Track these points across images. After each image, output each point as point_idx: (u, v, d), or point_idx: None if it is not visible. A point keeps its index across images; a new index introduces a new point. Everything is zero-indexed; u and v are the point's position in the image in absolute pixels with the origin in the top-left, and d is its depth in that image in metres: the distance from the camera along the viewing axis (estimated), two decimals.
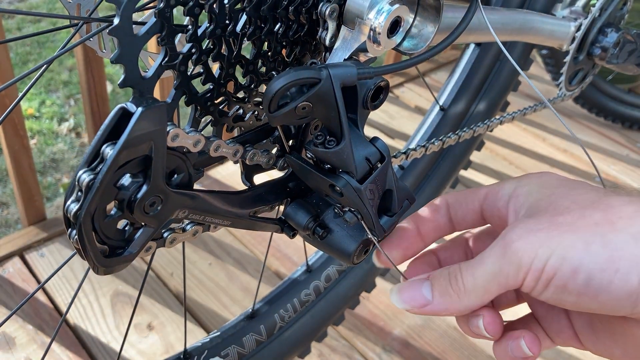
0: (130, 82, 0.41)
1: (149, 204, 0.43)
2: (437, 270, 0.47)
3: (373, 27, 0.48)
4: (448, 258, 0.54)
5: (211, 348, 0.77)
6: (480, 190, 0.50)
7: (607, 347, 0.46)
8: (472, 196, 0.51)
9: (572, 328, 0.49)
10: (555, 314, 0.50)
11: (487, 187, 0.50)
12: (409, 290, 0.47)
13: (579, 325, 0.49)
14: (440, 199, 0.53)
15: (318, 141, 0.46)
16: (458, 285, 0.44)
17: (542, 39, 0.86)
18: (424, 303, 0.46)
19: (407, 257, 0.52)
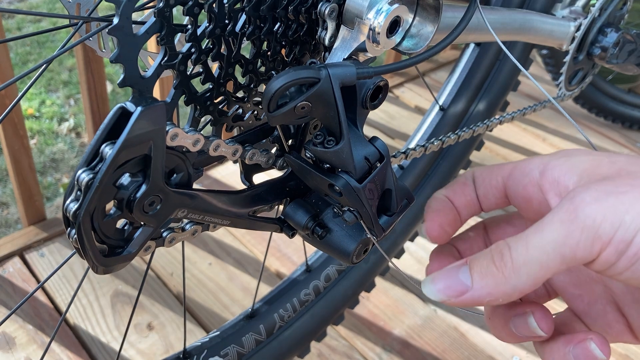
0: (130, 82, 0.41)
1: (148, 203, 0.43)
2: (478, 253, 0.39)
3: (372, 27, 0.48)
4: (467, 250, 0.49)
5: (211, 348, 0.77)
6: (506, 165, 0.45)
7: None
8: (497, 171, 0.45)
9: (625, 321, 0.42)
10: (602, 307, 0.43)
11: (513, 162, 0.45)
12: (445, 278, 0.40)
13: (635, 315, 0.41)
14: (468, 171, 0.49)
15: (317, 141, 0.46)
16: (504, 260, 0.36)
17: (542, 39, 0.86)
18: (463, 290, 0.38)
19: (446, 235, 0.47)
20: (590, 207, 0.33)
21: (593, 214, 0.33)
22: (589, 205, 0.33)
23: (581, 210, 0.33)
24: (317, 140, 0.46)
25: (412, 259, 1.40)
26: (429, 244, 1.45)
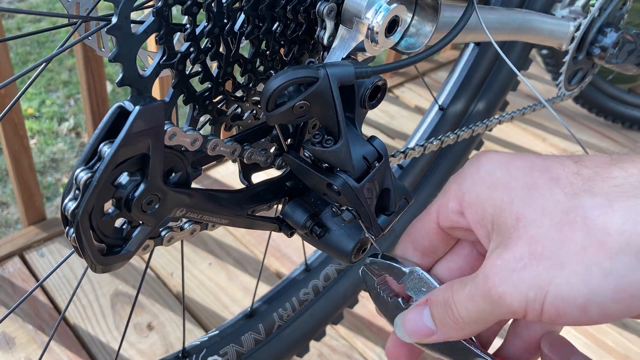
0: (129, 81, 0.41)
1: (147, 202, 0.43)
2: (435, 292, 0.44)
3: (371, 27, 0.48)
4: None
5: (210, 347, 0.77)
6: (430, 210, 0.46)
7: None
8: (426, 222, 0.47)
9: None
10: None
11: (435, 202, 0.46)
12: (412, 322, 0.44)
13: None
14: (403, 242, 0.49)
15: (316, 140, 0.46)
16: (455, 316, 0.41)
17: (542, 39, 0.86)
18: (429, 333, 0.43)
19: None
20: (499, 288, 0.38)
21: (503, 293, 0.37)
22: (498, 287, 0.38)
23: (493, 290, 0.38)
24: (315, 139, 0.46)
25: None
26: None
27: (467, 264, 0.48)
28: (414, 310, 0.45)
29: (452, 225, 0.45)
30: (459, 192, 0.43)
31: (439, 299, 0.43)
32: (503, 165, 0.42)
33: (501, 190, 0.40)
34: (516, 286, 0.37)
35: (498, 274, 0.38)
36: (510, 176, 0.41)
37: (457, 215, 0.44)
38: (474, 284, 0.40)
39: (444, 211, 0.45)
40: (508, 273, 0.37)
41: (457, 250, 0.49)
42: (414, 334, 0.44)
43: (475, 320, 0.40)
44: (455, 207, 0.44)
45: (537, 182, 0.39)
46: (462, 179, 0.44)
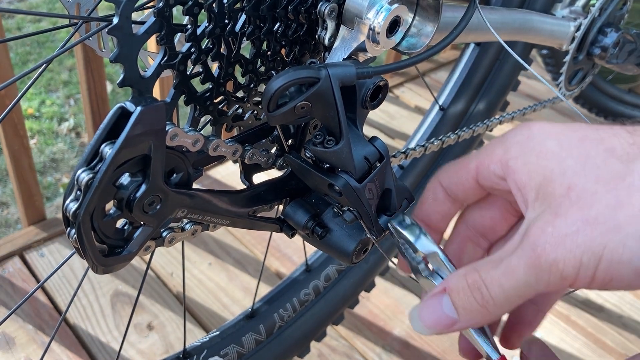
0: (130, 82, 0.41)
1: (148, 203, 0.43)
2: (452, 277, 0.42)
3: (372, 27, 0.48)
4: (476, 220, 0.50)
5: (210, 347, 0.77)
6: (470, 163, 0.46)
7: None
8: (463, 172, 0.46)
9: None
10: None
11: (475, 157, 0.46)
12: (430, 313, 0.42)
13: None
14: (433, 183, 0.49)
15: (317, 140, 0.46)
16: (484, 299, 0.40)
17: (542, 39, 0.86)
18: (451, 323, 0.41)
19: None
20: (550, 254, 0.37)
21: (555, 259, 0.37)
22: (549, 253, 0.37)
23: (544, 258, 0.37)
24: (316, 140, 0.46)
25: None
26: None
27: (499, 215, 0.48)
28: (430, 300, 0.43)
29: (491, 186, 0.45)
30: (504, 157, 0.43)
31: (461, 284, 0.41)
32: (554, 135, 0.41)
33: (552, 160, 0.40)
34: (570, 251, 0.36)
35: (549, 241, 0.37)
36: (562, 147, 0.40)
37: (498, 178, 0.44)
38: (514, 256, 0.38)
39: (484, 171, 0.44)
40: (561, 239, 0.37)
41: (490, 200, 0.49)
42: (434, 325, 0.42)
43: (509, 298, 0.39)
44: (497, 170, 0.43)
45: (590, 153, 0.39)
46: (509, 145, 0.43)
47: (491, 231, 0.50)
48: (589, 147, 0.39)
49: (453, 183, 0.47)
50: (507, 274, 0.39)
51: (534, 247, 0.38)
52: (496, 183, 0.44)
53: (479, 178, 0.45)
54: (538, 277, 0.37)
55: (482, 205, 0.49)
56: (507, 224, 0.50)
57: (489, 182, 0.45)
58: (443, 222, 0.50)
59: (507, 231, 0.50)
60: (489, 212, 0.49)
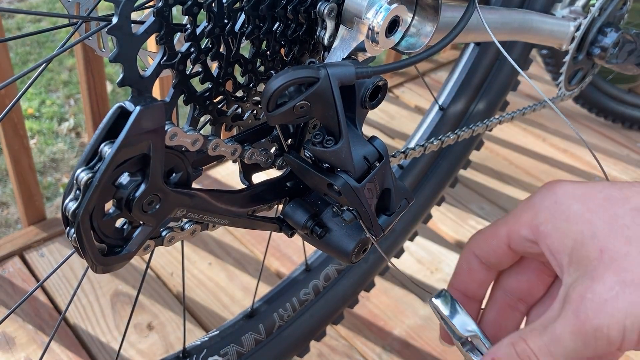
0: (129, 81, 0.41)
1: (147, 202, 0.43)
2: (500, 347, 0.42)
3: (371, 27, 0.48)
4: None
5: (210, 347, 0.77)
6: (499, 230, 0.47)
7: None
8: (494, 240, 0.47)
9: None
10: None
11: (504, 224, 0.46)
12: None
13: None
14: (466, 254, 0.49)
15: (316, 140, 0.46)
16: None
17: (542, 39, 0.86)
18: None
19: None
20: (593, 320, 0.37)
21: (599, 325, 0.37)
22: (592, 319, 0.37)
23: (588, 325, 0.38)
24: (316, 139, 0.46)
25: (411, 259, 1.40)
26: (428, 243, 1.45)
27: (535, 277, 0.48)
28: None
29: (524, 250, 0.45)
30: (532, 223, 0.44)
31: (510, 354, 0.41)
32: (579, 198, 0.42)
33: (581, 224, 0.41)
34: (612, 316, 0.37)
35: (590, 307, 0.38)
36: (589, 209, 0.41)
37: (530, 242, 0.44)
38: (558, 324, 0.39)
39: (515, 237, 0.45)
40: (601, 304, 0.37)
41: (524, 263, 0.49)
42: None
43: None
44: (528, 235, 0.44)
45: (618, 213, 0.40)
46: (536, 210, 0.44)
47: (528, 294, 0.50)
48: (616, 207, 0.40)
49: (485, 251, 0.48)
50: (554, 341, 0.39)
51: (577, 314, 0.38)
52: (529, 246, 0.45)
53: (510, 244, 0.46)
54: (585, 343, 0.38)
55: (517, 270, 0.49)
56: (544, 285, 0.50)
57: (521, 247, 0.45)
58: (481, 290, 0.50)
59: (545, 292, 0.50)
60: (524, 275, 0.49)
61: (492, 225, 0.48)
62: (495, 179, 1.71)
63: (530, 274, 0.49)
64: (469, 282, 0.50)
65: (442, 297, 0.49)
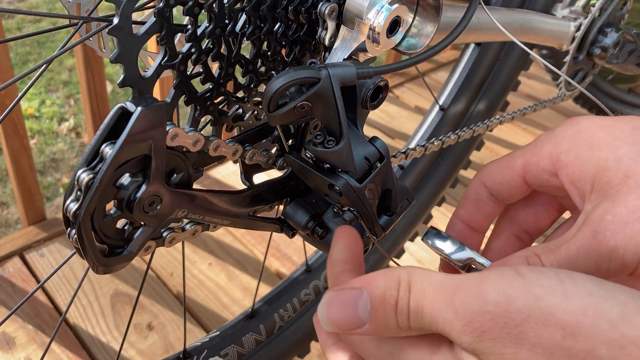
0: (130, 82, 0.41)
1: (148, 203, 0.43)
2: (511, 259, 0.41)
3: (372, 27, 0.48)
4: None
5: (211, 347, 0.77)
6: (516, 161, 0.45)
7: None
8: (509, 171, 0.45)
9: None
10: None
11: (521, 156, 0.45)
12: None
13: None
14: (476, 184, 0.48)
15: (317, 141, 0.46)
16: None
17: (542, 39, 0.86)
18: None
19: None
20: (610, 241, 0.36)
21: (615, 246, 0.36)
22: (609, 239, 0.36)
23: (604, 244, 0.37)
24: (317, 140, 0.46)
25: (412, 259, 1.40)
26: None
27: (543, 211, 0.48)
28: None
29: (540, 184, 0.44)
30: (554, 152, 0.42)
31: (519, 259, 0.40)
32: (606, 127, 0.41)
33: (606, 150, 0.39)
34: (631, 238, 0.36)
35: (609, 228, 0.37)
36: (615, 137, 0.40)
37: (549, 174, 0.43)
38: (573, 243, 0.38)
39: (533, 169, 0.44)
40: (621, 226, 0.36)
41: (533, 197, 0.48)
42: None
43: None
44: (547, 166, 0.43)
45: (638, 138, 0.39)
46: (559, 139, 0.42)
47: (534, 227, 0.49)
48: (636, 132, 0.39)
49: (498, 183, 0.46)
50: (567, 260, 0.38)
51: (594, 234, 0.37)
52: (545, 180, 0.43)
53: (526, 176, 0.45)
54: (598, 265, 0.37)
55: (525, 202, 0.49)
56: (551, 220, 0.49)
57: (537, 179, 0.44)
58: (486, 222, 0.49)
59: (549, 227, 0.50)
60: (532, 208, 0.49)
61: (508, 157, 0.46)
62: None
63: (538, 207, 0.48)
64: (475, 213, 0.48)
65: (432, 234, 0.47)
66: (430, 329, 0.34)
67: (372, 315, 0.36)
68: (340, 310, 0.37)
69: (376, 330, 0.36)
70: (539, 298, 0.31)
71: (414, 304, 0.34)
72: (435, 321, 0.34)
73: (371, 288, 0.36)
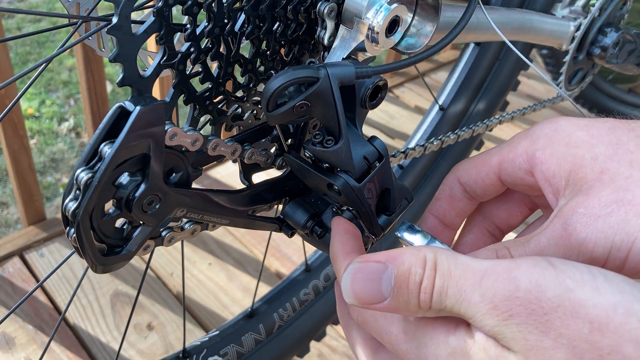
0: (129, 81, 0.41)
1: (147, 202, 0.43)
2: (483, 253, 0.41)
3: (371, 26, 0.48)
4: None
5: (210, 347, 0.77)
6: (491, 158, 0.45)
7: None
8: (484, 168, 0.45)
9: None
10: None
11: (496, 153, 0.45)
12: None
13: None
14: (451, 180, 0.48)
15: (316, 140, 0.46)
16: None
17: (542, 39, 0.86)
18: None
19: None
20: (581, 233, 0.36)
21: (585, 239, 0.36)
22: (580, 232, 0.36)
23: (574, 237, 0.36)
24: (316, 139, 0.46)
25: None
26: None
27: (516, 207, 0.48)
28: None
29: (514, 182, 0.44)
30: (530, 149, 0.42)
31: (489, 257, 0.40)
32: (583, 126, 0.41)
33: (582, 148, 0.39)
34: (602, 231, 0.36)
35: (580, 221, 0.36)
36: (592, 135, 0.40)
37: (524, 172, 0.43)
38: (544, 235, 0.38)
39: (508, 166, 0.44)
40: (593, 219, 0.36)
41: (507, 194, 0.48)
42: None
43: None
44: (523, 163, 0.43)
45: (622, 140, 0.39)
46: (535, 137, 0.42)
47: (506, 223, 0.50)
48: (620, 134, 0.39)
49: (472, 180, 0.46)
50: (536, 251, 0.38)
51: (565, 226, 0.37)
52: (520, 178, 0.43)
53: (501, 174, 0.45)
54: (566, 256, 0.37)
55: (499, 199, 0.49)
56: (522, 217, 0.50)
57: (512, 177, 0.44)
58: (458, 219, 0.49)
59: (520, 223, 0.50)
60: (505, 204, 0.49)
61: (484, 154, 0.46)
62: None
63: (511, 204, 0.49)
64: (449, 209, 0.48)
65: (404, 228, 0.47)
66: (452, 311, 0.35)
67: (395, 291, 0.36)
68: (363, 282, 0.37)
69: (395, 307, 0.36)
70: (570, 290, 0.31)
71: (439, 284, 0.34)
72: (459, 302, 0.34)
73: (396, 263, 0.36)
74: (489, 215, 0.50)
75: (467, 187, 0.47)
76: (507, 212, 0.49)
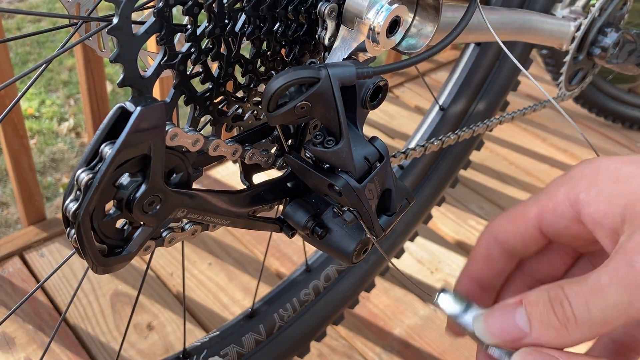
0: (129, 82, 0.41)
1: (148, 203, 0.43)
2: (532, 292, 0.38)
3: (372, 27, 0.48)
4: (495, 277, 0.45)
5: (210, 347, 0.77)
6: (529, 210, 0.42)
7: None
8: (522, 223, 0.42)
9: None
10: None
11: (534, 204, 0.42)
12: (499, 319, 0.38)
13: None
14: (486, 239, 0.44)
15: (317, 141, 0.46)
16: (566, 315, 0.35)
17: (542, 39, 0.86)
18: (519, 336, 0.37)
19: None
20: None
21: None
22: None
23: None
24: (316, 140, 0.46)
25: (411, 259, 1.40)
26: (428, 243, 1.45)
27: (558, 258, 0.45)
28: (502, 309, 0.38)
29: (558, 232, 0.41)
30: (571, 192, 0.39)
31: (541, 297, 0.37)
32: (629, 162, 0.39)
33: (632, 182, 0.37)
34: None
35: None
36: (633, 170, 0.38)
37: (568, 220, 0.40)
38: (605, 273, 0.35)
39: (550, 217, 0.41)
40: None
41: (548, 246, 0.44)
42: (500, 334, 0.38)
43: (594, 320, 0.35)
44: (566, 210, 0.40)
45: None
46: (576, 180, 0.40)
47: (549, 276, 0.46)
48: None
49: (511, 236, 0.43)
50: (596, 291, 0.35)
51: (631, 263, 0.34)
52: (565, 227, 0.40)
53: (542, 226, 0.42)
54: (633, 298, 0.34)
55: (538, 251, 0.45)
56: (565, 267, 0.46)
57: (555, 228, 0.41)
58: (497, 280, 0.46)
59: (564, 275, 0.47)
60: (545, 256, 0.45)
61: (520, 206, 0.43)
62: (495, 179, 1.71)
63: (552, 254, 0.45)
64: (486, 270, 0.45)
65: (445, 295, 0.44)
66: None
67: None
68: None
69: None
70: None
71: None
72: None
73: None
74: (528, 270, 0.46)
75: (506, 245, 0.44)
76: (549, 264, 0.46)
